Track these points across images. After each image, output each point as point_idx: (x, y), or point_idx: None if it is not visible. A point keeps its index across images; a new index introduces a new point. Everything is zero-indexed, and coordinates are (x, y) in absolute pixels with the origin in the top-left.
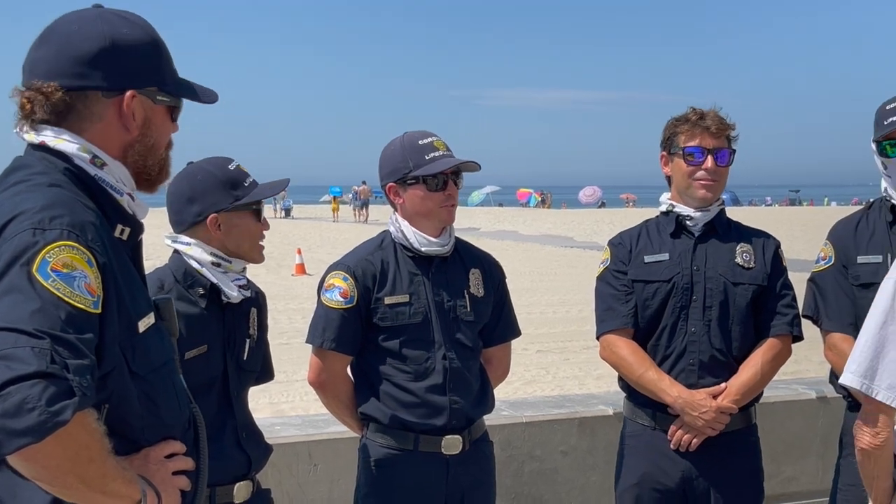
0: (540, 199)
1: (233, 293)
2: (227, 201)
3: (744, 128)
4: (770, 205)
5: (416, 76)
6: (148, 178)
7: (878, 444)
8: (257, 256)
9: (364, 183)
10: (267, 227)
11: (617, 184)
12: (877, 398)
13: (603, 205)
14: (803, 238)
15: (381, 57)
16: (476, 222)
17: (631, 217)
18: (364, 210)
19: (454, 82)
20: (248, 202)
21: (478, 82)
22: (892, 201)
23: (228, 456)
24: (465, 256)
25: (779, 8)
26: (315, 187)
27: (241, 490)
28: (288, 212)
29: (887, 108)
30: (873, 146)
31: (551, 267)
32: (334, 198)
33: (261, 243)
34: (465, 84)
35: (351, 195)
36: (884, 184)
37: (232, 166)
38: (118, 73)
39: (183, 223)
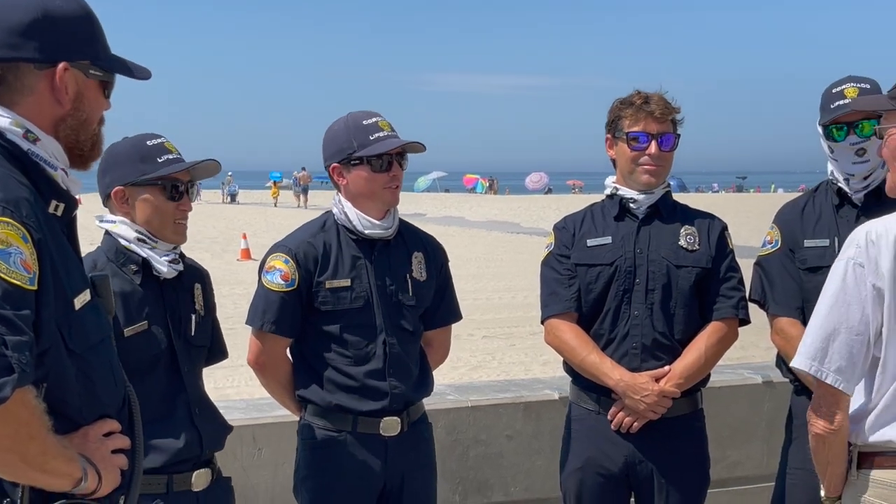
0: (487, 184)
1: (163, 268)
2: (133, 175)
3: (691, 114)
4: (717, 191)
5: (358, 60)
6: (80, 153)
7: (833, 428)
8: (171, 235)
9: (304, 169)
10: (188, 207)
11: (564, 170)
12: (826, 381)
13: (549, 191)
14: (749, 224)
15: (324, 41)
16: (422, 208)
17: (577, 203)
18: (304, 195)
19: (398, 66)
20: (155, 177)
21: (422, 66)
22: (839, 185)
23: (180, 433)
24: (409, 239)
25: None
26: (261, 173)
27: (201, 477)
28: (234, 197)
29: (833, 91)
30: (820, 129)
31: (497, 253)
32: (274, 183)
33: (179, 222)
34: (409, 68)
35: (291, 181)
36: (830, 167)
37: (152, 142)
38: (51, 44)
39: (101, 196)
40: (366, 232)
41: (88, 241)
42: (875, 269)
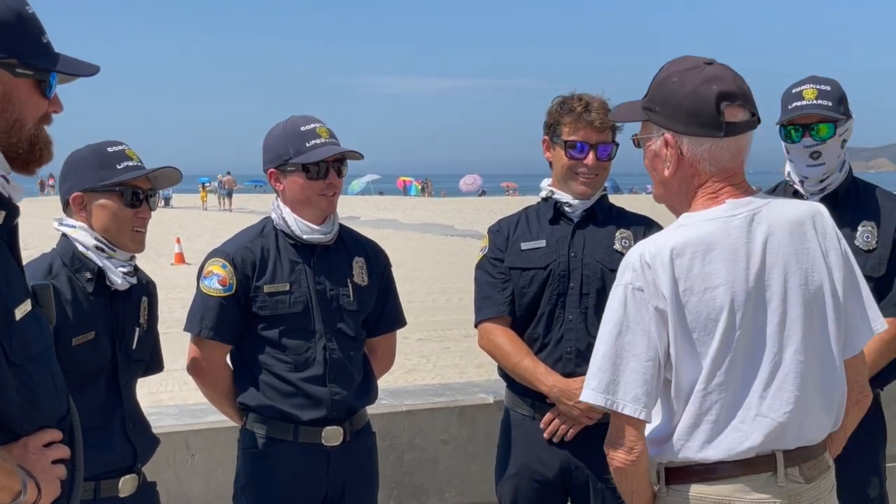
0: (420, 187)
1: (117, 279)
2: (92, 181)
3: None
4: (651, 192)
5: (294, 64)
6: (17, 157)
7: (633, 459)
8: (128, 244)
9: (228, 173)
10: (146, 215)
11: (498, 172)
12: (623, 412)
13: (483, 193)
14: None
15: (258, 44)
16: (356, 211)
17: (511, 205)
18: (228, 199)
19: (333, 69)
20: (112, 184)
21: (358, 69)
22: (795, 186)
23: (115, 446)
24: (350, 244)
25: None
26: (196, 177)
27: (127, 483)
28: (167, 201)
29: (793, 91)
30: (778, 129)
31: (431, 255)
32: (203, 186)
33: (137, 230)
34: (344, 72)
35: (217, 184)
36: (787, 167)
37: (112, 148)
38: None
39: (62, 202)
40: (304, 237)
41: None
42: (655, 292)
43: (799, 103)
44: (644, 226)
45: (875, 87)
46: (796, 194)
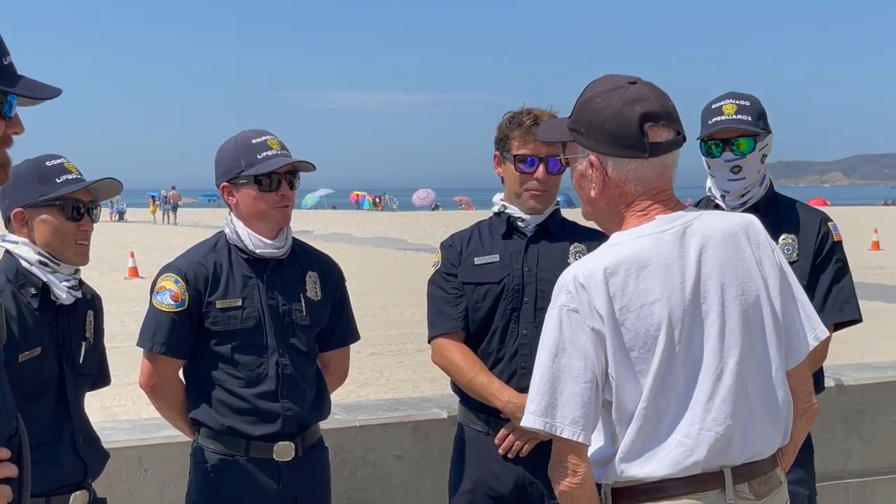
0: (373, 201)
1: (62, 294)
2: (32, 196)
3: None
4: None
5: (246, 78)
6: None
7: (577, 482)
8: (72, 257)
9: (173, 188)
10: (89, 227)
11: (452, 186)
12: (563, 436)
13: (436, 207)
14: None
15: (213, 58)
16: (310, 225)
17: (464, 219)
18: (173, 213)
19: (285, 84)
20: (53, 198)
21: (310, 85)
22: (716, 201)
23: (64, 462)
24: (303, 259)
25: (598, 2)
26: (148, 191)
27: (77, 500)
28: (122, 215)
29: (713, 107)
30: (699, 144)
31: (385, 269)
32: (152, 200)
33: (80, 243)
34: (296, 87)
35: (161, 199)
36: (709, 183)
37: (51, 162)
38: None
39: (3, 219)
40: (257, 251)
41: None
42: (590, 312)
43: (719, 118)
44: (598, 240)
45: (829, 102)
46: (717, 208)
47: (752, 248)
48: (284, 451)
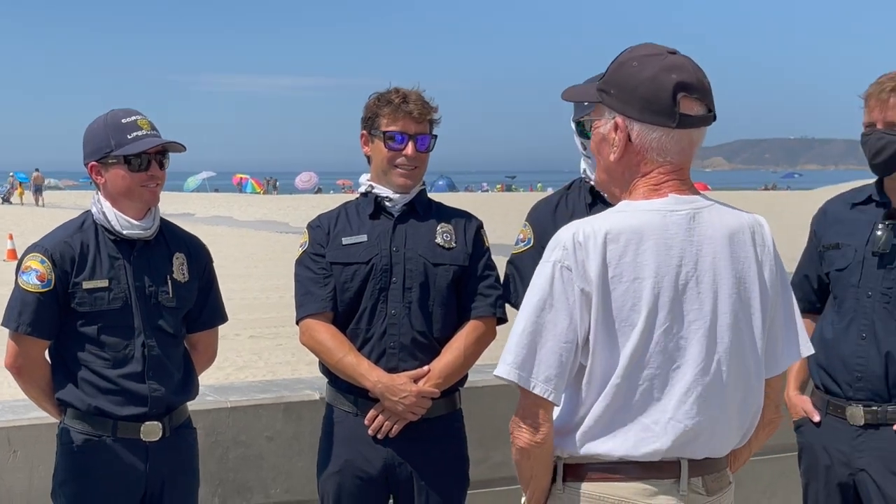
0: (266, 184)
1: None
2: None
3: (460, 114)
4: (486, 190)
5: (134, 60)
6: None
7: (538, 441)
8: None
9: (37, 170)
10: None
11: (337, 170)
12: (534, 391)
13: (319, 190)
14: (517, 223)
15: (99, 38)
16: (191, 208)
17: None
18: (39, 194)
19: (174, 66)
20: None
21: (199, 67)
22: (591, 182)
23: None
24: (170, 240)
25: None
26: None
27: None
28: (5, 198)
29: None
30: (573, 125)
31: (266, 252)
32: (20, 183)
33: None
34: (182, 69)
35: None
36: (583, 164)
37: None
38: None
39: None
40: (124, 232)
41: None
42: (583, 273)
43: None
44: (464, 219)
45: (712, 86)
46: (593, 190)
47: (757, 250)
48: (151, 430)
